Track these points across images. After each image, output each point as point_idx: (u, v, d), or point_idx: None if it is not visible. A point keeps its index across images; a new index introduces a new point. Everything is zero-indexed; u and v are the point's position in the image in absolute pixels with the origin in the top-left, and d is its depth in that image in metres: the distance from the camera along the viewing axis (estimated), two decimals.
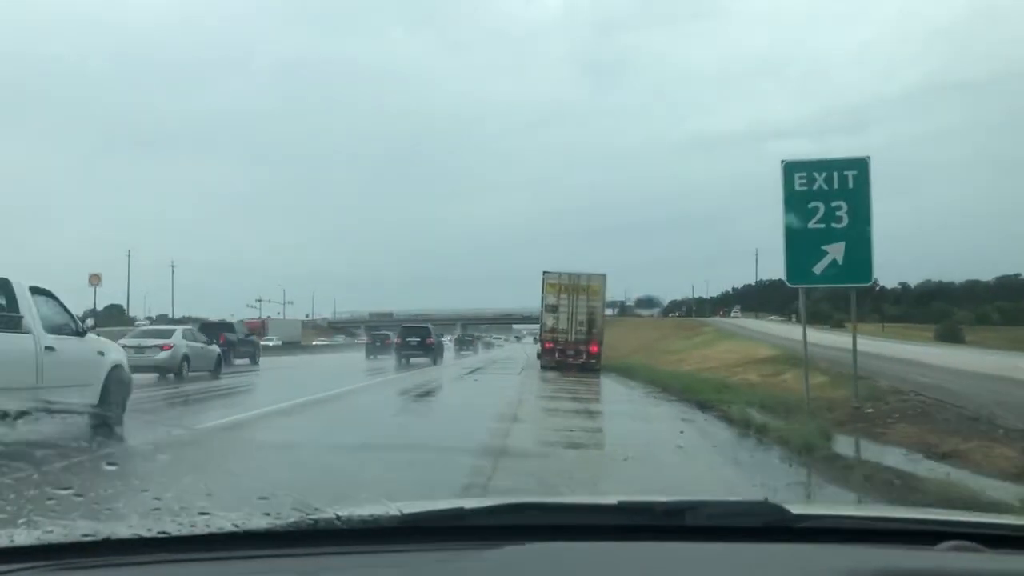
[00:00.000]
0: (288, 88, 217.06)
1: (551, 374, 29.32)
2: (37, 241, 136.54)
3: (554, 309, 32.74)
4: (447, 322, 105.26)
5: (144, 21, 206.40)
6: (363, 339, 59.89)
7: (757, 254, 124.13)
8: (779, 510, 1.70)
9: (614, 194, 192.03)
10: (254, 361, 35.45)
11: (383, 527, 1.51)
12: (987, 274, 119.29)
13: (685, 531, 1.62)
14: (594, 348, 32.60)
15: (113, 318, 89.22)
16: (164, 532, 1.43)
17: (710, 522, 1.64)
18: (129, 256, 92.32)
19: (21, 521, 1.50)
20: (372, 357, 43.07)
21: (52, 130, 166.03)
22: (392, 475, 6.76)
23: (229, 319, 43.79)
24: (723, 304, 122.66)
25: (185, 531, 1.44)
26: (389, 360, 38.90)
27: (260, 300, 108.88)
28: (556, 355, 32.62)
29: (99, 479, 2.16)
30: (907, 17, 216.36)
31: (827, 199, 14.99)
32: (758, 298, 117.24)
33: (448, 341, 57.58)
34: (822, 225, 14.88)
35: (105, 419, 8.45)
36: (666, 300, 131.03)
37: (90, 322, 11.48)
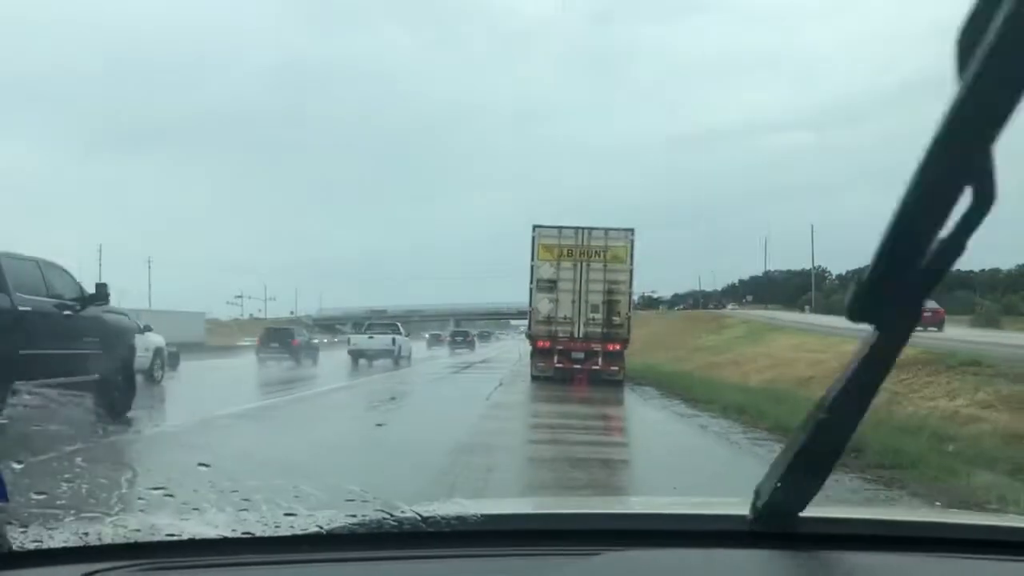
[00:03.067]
0: (277, 85, 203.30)
1: (543, 403, 16.02)
2: (8, 235, 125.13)
3: (551, 286, 19.67)
4: (440, 318, 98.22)
5: (134, 18, 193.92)
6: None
7: (767, 244, 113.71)
8: (873, 521, 1.56)
9: (610, 188, 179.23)
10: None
11: (467, 530, 1.37)
12: (1007, 262, 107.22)
13: (769, 537, 1.36)
14: (615, 347, 19.53)
15: None
16: (248, 533, 1.35)
17: (795, 528, 1.35)
18: (100, 251, 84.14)
19: (109, 519, 1.39)
20: (431, 348, 58.86)
21: (29, 125, 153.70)
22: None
23: None
24: (731, 296, 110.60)
25: (269, 532, 1.35)
26: (442, 349, 55.83)
27: (240, 296, 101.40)
28: (555, 359, 19.63)
29: (190, 478, 1.87)
30: (906, 9, 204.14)
31: None
32: (767, 290, 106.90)
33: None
34: None
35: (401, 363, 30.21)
36: (668, 293, 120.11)
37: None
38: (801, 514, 1.30)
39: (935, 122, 0.75)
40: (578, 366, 19.62)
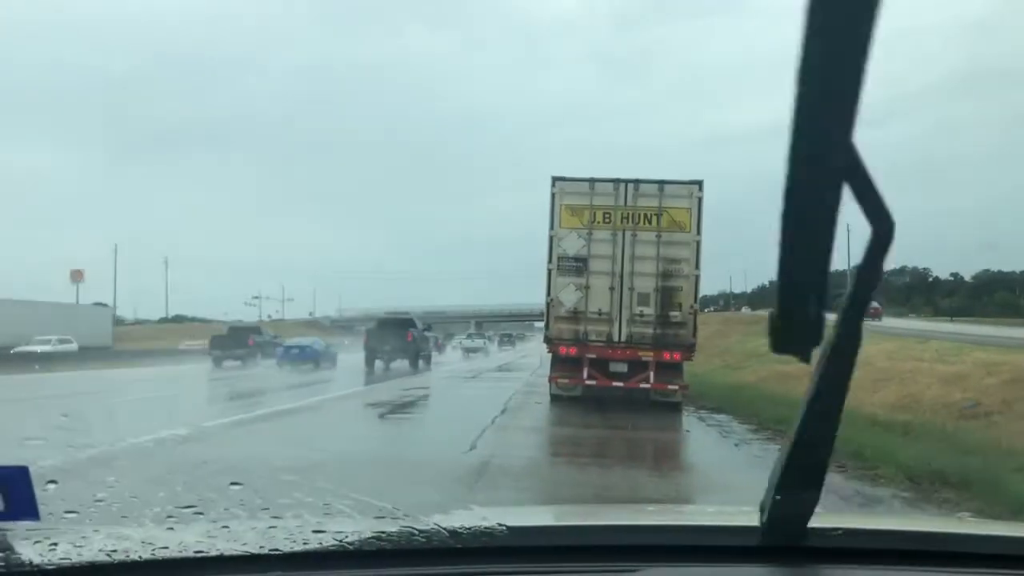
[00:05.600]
0: (298, 87, 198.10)
1: (560, 461, 9.28)
2: (25, 236, 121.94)
3: (579, 267, 13.13)
4: (462, 319, 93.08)
5: (159, 21, 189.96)
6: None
7: None
8: (920, 534, 1.41)
9: None
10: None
11: (496, 545, 1.31)
12: None
13: (801, 552, 1.29)
14: (673, 356, 12.93)
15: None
16: (276, 549, 1.30)
17: (829, 543, 1.31)
18: (116, 251, 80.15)
19: (139, 537, 1.33)
20: None
21: (53, 128, 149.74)
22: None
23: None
24: (759, 298, 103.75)
25: (298, 549, 1.30)
26: (491, 346, 59.30)
27: (258, 297, 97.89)
28: (585, 372, 13.10)
29: (221, 497, 1.92)
30: (929, 10, 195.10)
31: None
32: None
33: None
34: None
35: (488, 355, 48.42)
36: None
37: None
38: (810, 525, 1.26)
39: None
40: (619, 384, 13.08)
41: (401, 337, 27.71)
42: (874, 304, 47.39)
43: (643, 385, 12.95)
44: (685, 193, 12.90)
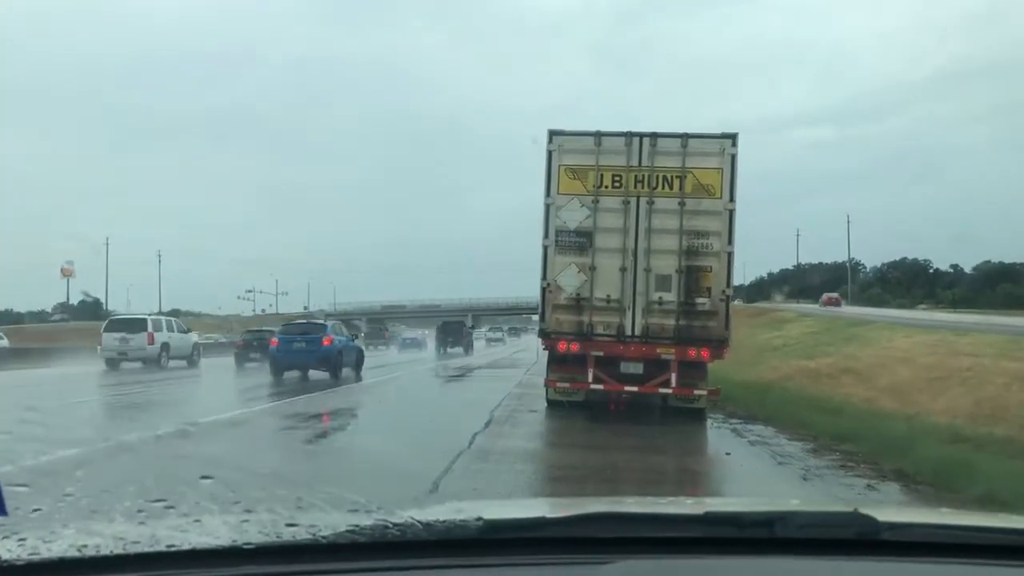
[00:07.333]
0: (293, 80, 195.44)
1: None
2: (15, 230, 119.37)
3: (582, 243, 10.44)
4: (459, 313, 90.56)
5: (154, 13, 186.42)
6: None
7: (798, 236, 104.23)
8: (871, 521, 1.40)
9: None
10: None
11: (470, 538, 1.31)
12: None
13: (773, 543, 1.35)
14: (699, 353, 10.24)
15: (89, 313, 75.07)
16: (248, 543, 1.28)
17: (801, 534, 1.37)
18: (107, 244, 78.29)
19: (109, 531, 1.31)
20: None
21: (47, 120, 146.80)
22: None
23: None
24: (759, 290, 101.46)
25: (270, 542, 1.29)
26: (507, 337, 72.64)
27: (251, 291, 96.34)
28: (590, 374, 10.41)
29: (192, 491, 1.87)
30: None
31: None
32: (799, 283, 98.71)
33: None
34: None
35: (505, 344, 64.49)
36: None
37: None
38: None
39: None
40: (632, 388, 10.44)
41: (459, 333, 44.37)
42: (833, 295, 52.12)
43: (663, 390, 10.32)
44: (715, 149, 10.19)
